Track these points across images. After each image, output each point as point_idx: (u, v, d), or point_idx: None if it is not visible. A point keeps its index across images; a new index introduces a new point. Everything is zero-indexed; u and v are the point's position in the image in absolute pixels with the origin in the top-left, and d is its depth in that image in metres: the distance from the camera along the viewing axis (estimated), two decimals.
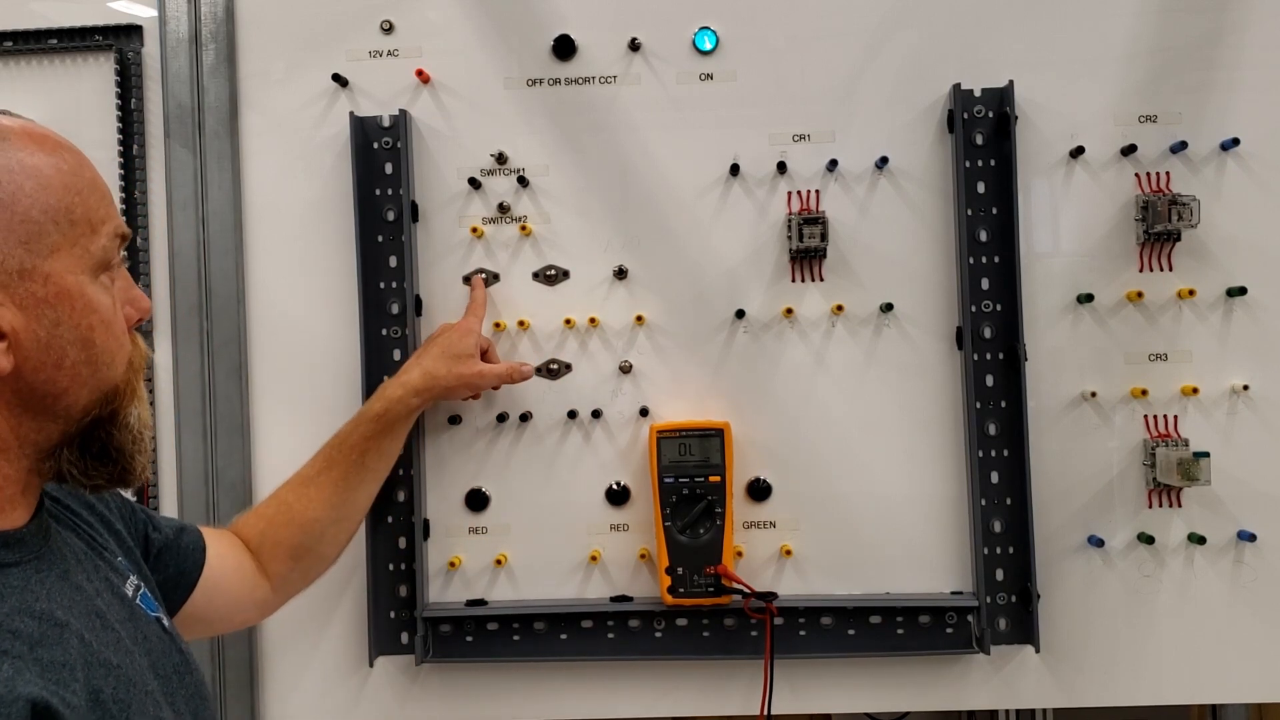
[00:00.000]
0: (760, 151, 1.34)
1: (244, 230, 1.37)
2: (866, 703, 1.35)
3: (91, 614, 0.74)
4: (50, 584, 0.72)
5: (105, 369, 0.74)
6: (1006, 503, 1.30)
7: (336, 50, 1.36)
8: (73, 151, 0.75)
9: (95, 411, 0.75)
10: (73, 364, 0.72)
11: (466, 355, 1.25)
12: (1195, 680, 1.31)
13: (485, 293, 1.33)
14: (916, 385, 1.33)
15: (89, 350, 0.73)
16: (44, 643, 0.66)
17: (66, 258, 0.71)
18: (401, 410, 1.22)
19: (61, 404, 0.73)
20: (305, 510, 1.17)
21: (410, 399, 1.23)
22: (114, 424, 0.76)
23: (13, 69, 1.39)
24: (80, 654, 0.68)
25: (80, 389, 0.73)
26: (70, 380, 0.72)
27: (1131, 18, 1.31)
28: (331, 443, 1.22)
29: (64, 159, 0.73)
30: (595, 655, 1.33)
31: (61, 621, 0.69)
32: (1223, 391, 1.30)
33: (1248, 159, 1.30)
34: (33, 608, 0.68)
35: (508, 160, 1.35)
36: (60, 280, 0.71)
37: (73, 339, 0.72)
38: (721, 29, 1.34)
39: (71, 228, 0.72)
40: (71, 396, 0.73)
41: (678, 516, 1.29)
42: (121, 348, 0.76)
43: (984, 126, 1.31)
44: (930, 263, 1.33)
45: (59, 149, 0.74)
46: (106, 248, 0.74)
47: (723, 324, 1.34)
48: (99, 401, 0.75)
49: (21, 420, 0.72)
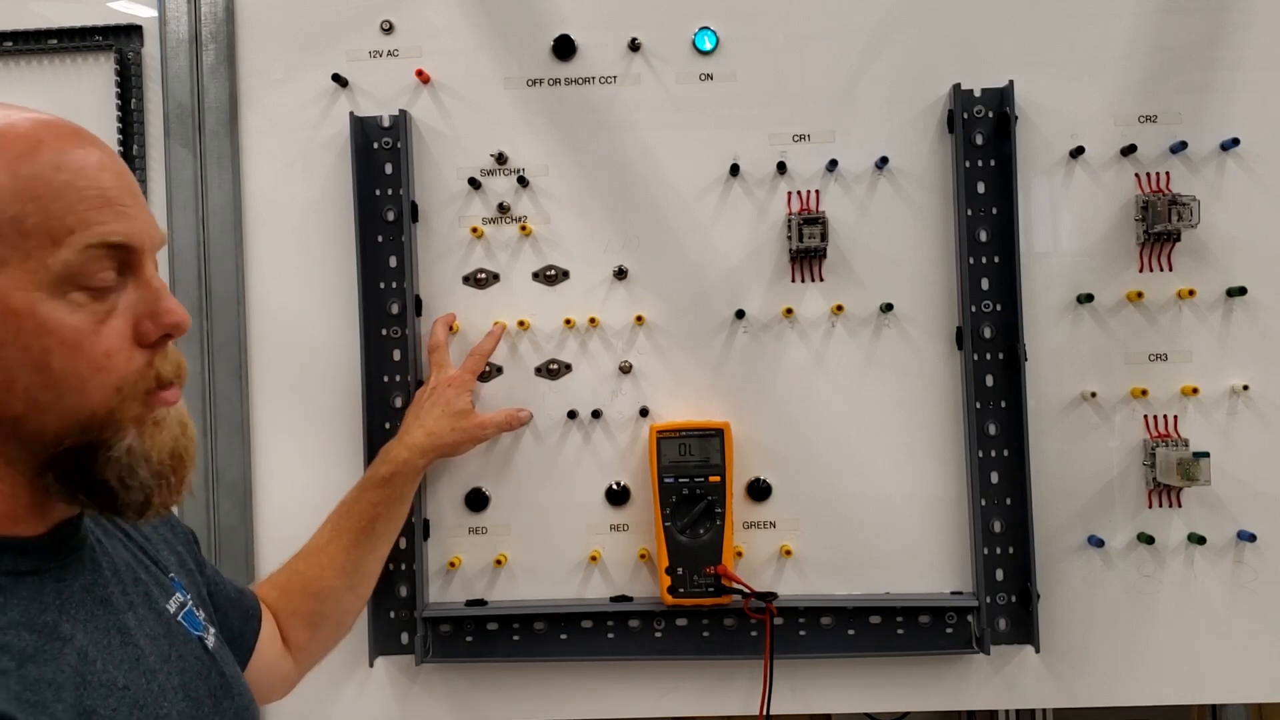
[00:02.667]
0: (760, 151, 1.34)
1: (244, 230, 1.37)
2: (866, 703, 1.35)
3: (111, 630, 0.72)
4: (67, 596, 0.70)
5: (73, 395, 0.66)
6: (1006, 503, 1.30)
7: (336, 50, 1.36)
8: (41, 150, 0.66)
9: (69, 440, 0.68)
10: (25, 389, 0.65)
11: (466, 411, 1.27)
12: (1195, 680, 1.31)
13: (497, 344, 1.33)
14: (916, 385, 1.33)
15: (44, 374, 0.65)
16: (36, 658, 0.64)
17: (16, 273, 0.64)
18: (409, 472, 1.22)
19: (26, 429, 0.67)
20: (319, 578, 1.15)
21: (417, 460, 1.23)
22: (96, 455, 0.69)
23: (13, 69, 1.39)
24: (77, 671, 0.66)
25: (42, 414, 0.66)
26: (26, 405, 0.66)
27: (1131, 18, 1.31)
28: (339, 509, 1.21)
29: (26, 162, 0.65)
30: (595, 655, 1.33)
31: (65, 636, 0.67)
32: (1223, 391, 1.30)
33: (1248, 159, 1.30)
34: (35, 620, 0.66)
35: (508, 160, 1.35)
36: (4, 299, 0.64)
37: (21, 362, 0.65)
38: (721, 29, 1.34)
39: (21, 239, 0.64)
40: (33, 421, 0.66)
41: (678, 516, 1.29)
42: (99, 371, 0.67)
43: (984, 126, 1.31)
44: (930, 263, 1.33)
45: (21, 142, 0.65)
46: (75, 261, 0.65)
47: (723, 324, 1.34)
48: (74, 429, 0.67)
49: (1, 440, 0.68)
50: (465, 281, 1.36)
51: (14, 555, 0.69)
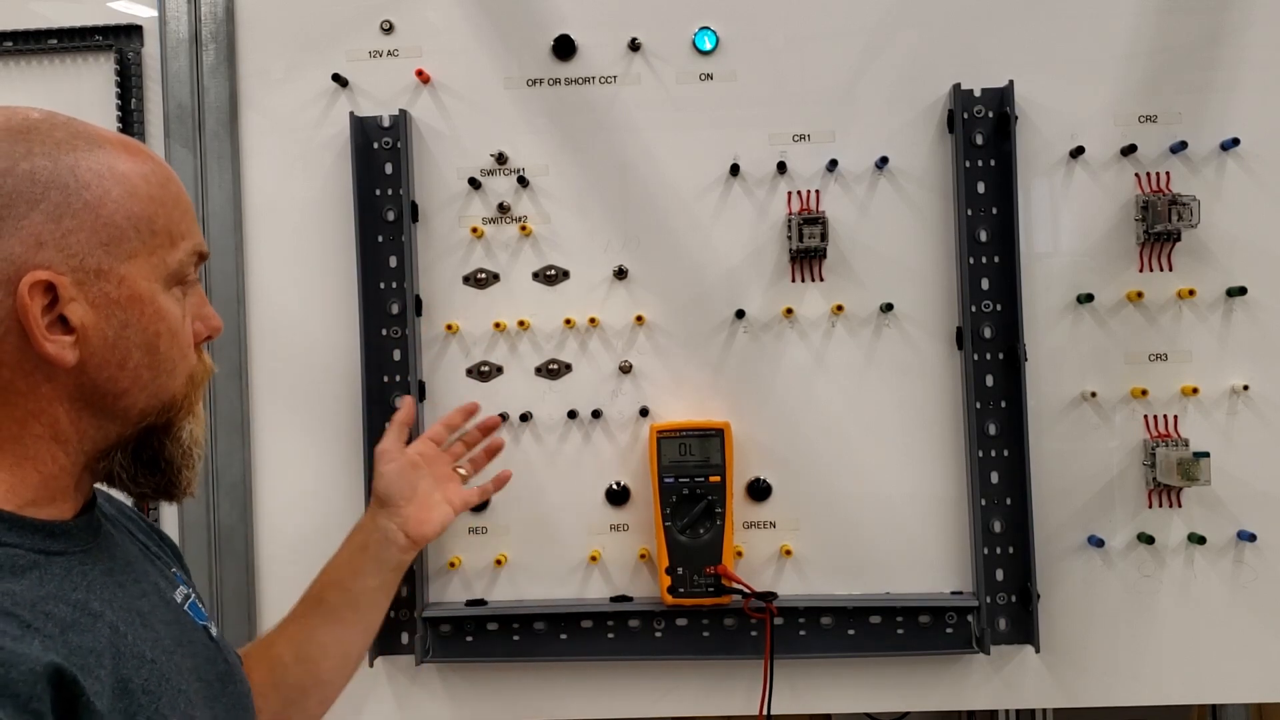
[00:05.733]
0: (760, 151, 1.34)
1: (244, 230, 1.37)
2: (866, 703, 1.35)
3: (131, 611, 0.75)
4: (92, 577, 0.73)
5: (166, 376, 0.77)
6: (1006, 503, 1.30)
7: (336, 50, 1.36)
8: (162, 166, 0.78)
9: (151, 419, 0.77)
10: (135, 366, 0.74)
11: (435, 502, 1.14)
12: (1195, 680, 1.31)
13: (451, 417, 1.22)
14: (916, 385, 1.33)
15: (152, 355, 0.75)
16: (75, 628, 0.67)
17: (143, 265, 0.74)
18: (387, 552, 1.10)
19: (120, 404, 0.75)
20: (273, 644, 1.06)
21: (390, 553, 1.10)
22: (167, 434, 0.78)
23: (13, 69, 1.39)
24: (111, 643, 0.69)
25: (140, 392, 0.75)
26: (131, 382, 0.74)
27: (1131, 18, 1.31)
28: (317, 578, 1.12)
29: (153, 171, 0.76)
30: (595, 655, 1.33)
31: (96, 612, 0.70)
32: (1223, 391, 1.30)
33: (1248, 159, 1.30)
34: (69, 596, 0.69)
35: (508, 160, 1.35)
36: (134, 284, 0.73)
37: (138, 342, 0.74)
38: (721, 29, 1.34)
39: (152, 237, 0.75)
40: (130, 398, 0.75)
41: (678, 516, 1.29)
42: (184, 359, 0.78)
43: (984, 126, 1.31)
44: (930, 263, 1.33)
45: (149, 160, 0.77)
46: (183, 262, 0.77)
47: (723, 324, 1.34)
48: (156, 409, 0.77)
49: (82, 415, 0.74)
50: (465, 281, 1.36)
51: (44, 536, 0.72)
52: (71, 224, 0.71)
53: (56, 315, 0.70)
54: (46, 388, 0.72)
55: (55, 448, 0.73)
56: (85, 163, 0.72)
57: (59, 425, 0.73)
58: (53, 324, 0.70)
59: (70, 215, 0.71)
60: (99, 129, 0.76)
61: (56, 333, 0.70)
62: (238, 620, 1.35)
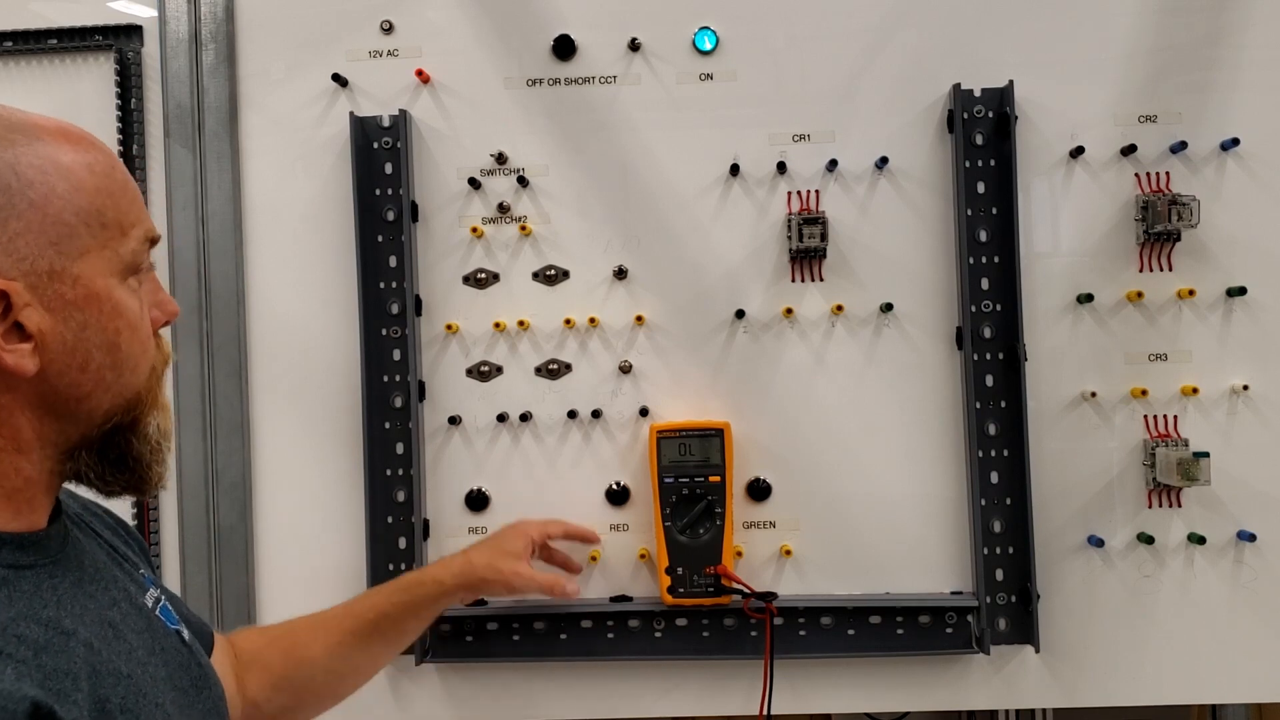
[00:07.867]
0: (760, 151, 1.34)
1: (244, 230, 1.37)
2: (866, 703, 1.35)
3: (103, 624, 0.73)
4: (62, 590, 0.71)
5: (129, 374, 0.74)
6: (1006, 503, 1.30)
7: (336, 50, 1.36)
8: (105, 151, 0.74)
9: (117, 418, 0.75)
10: (97, 368, 0.72)
11: (512, 554, 1.20)
12: (1195, 680, 1.31)
13: (585, 532, 1.31)
14: (916, 385, 1.33)
15: (114, 355, 0.73)
16: (48, 649, 0.65)
17: (96, 260, 0.71)
18: (435, 591, 1.16)
19: (84, 408, 0.73)
20: (306, 644, 1.09)
21: (446, 581, 1.17)
22: (134, 431, 0.76)
23: (13, 69, 1.39)
24: (86, 662, 0.67)
25: (103, 393, 0.73)
26: (94, 384, 0.72)
27: (1131, 18, 1.31)
28: (361, 595, 1.19)
29: (97, 159, 0.73)
30: (595, 655, 1.33)
31: (68, 630, 0.68)
32: (1223, 391, 1.30)
33: (1248, 159, 1.30)
34: (40, 614, 0.67)
35: (508, 160, 1.35)
36: (89, 283, 0.71)
37: (99, 342, 0.72)
38: (721, 29, 1.34)
39: (102, 230, 0.71)
40: (94, 401, 0.73)
41: (678, 516, 1.29)
42: (146, 353, 0.76)
43: (984, 126, 1.31)
44: (930, 263, 1.33)
45: (91, 148, 0.73)
46: (136, 251, 0.74)
47: (723, 324, 1.34)
48: (121, 407, 0.75)
49: (45, 421, 0.72)
50: (465, 281, 1.36)
51: (13, 549, 0.70)
52: (18, 226, 0.67)
53: (12, 323, 0.67)
54: (6, 398, 0.69)
55: (19, 459, 0.71)
56: (26, 158, 0.68)
57: (21, 436, 0.71)
58: (8, 332, 0.67)
59: (16, 217, 0.67)
60: (33, 117, 0.72)
61: (13, 341, 0.68)
62: (237, 620, 1.35)
